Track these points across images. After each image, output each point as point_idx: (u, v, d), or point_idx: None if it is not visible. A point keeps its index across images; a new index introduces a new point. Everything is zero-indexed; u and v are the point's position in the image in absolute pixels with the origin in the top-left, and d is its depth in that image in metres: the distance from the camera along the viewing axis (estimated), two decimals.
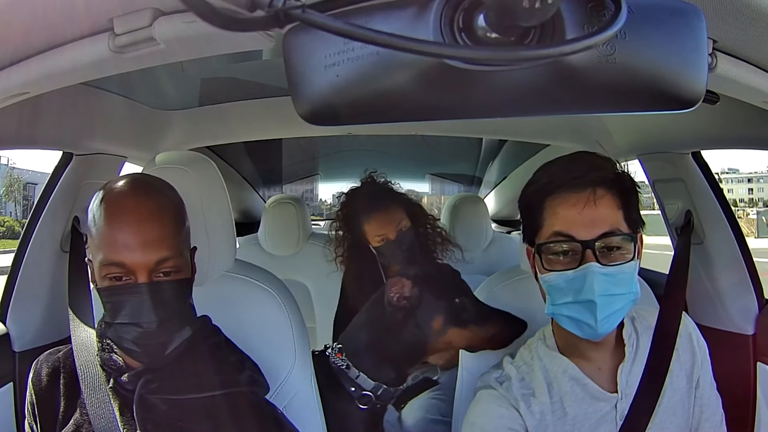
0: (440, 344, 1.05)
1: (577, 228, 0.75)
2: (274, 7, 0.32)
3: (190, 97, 1.36)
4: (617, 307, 0.75)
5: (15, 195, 27.89)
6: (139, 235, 0.68)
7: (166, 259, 0.70)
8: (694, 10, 0.39)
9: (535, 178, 0.82)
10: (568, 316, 0.77)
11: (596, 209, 0.75)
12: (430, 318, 1.04)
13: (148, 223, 0.69)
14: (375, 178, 1.59)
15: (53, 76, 0.56)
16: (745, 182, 39.38)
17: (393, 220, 1.49)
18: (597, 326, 0.74)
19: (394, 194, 1.56)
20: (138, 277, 0.69)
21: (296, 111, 0.39)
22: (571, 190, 0.76)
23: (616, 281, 0.74)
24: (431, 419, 1.35)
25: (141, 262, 0.68)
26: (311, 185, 3.35)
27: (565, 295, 0.76)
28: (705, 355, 0.86)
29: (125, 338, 0.70)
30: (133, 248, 0.68)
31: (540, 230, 0.79)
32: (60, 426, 0.74)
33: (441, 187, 3.20)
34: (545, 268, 0.77)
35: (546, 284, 0.78)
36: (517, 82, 0.37)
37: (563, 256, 0.76)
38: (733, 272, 1.14)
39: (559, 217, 0.76)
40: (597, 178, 0.76)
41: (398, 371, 1.07)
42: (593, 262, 0.73)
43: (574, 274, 0.74)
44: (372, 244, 1.51)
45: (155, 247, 0.69)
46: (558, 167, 0.80)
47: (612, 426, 0.79)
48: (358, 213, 1.53)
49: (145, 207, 0.71)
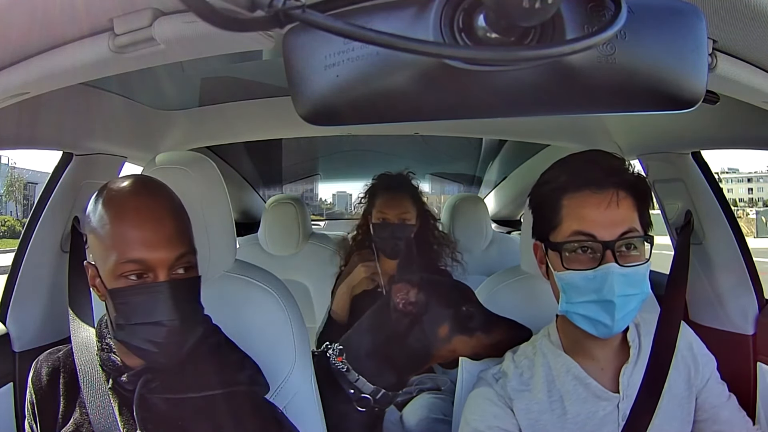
0: (444, 352, 1.04)
1: (598, 228, 0.75)
2: (274, 7, 0.32)
3: (190, 97, 1.36)
4: (632, 307, 0.76)
5: (15, 194, 27.90)
6: (159, 231, 0.68)
7: (184, 255, 0.70)
8: (694, 10, 0.39)
9: (551, 176, 0.81)
10: (583, 315, 0.77)
11: (618, 210, 0.75)
12: (437, 325, 1.03)
13: (165, 219, 0.70)
14: (403, 172, 1.64)
15: (53, 76, 0.56)
16: (745, 182, 39.40)
17: (399, 206, 1.53)
18: (613, 326, 0.75)
19: (414, 190, 1.60)
20: (158, 274, 0.68)
21: (296, 111, 0.39)
22: (594, 191, 0.76)
23: (633, 282, 0.75)
24: (433, 418, 1.34)
25: (162, 257, 0.68)
26: (311, 185, 3.35)
27: (582, 294, 0.76)
28: (709, 366, 0.86)
29: (143, 338, 0.68)
30: (153, 244, 0.67)
31: (557, 228, 0.78)
32: (60, 426, 0.74)
33: (441, 187, 3.20)
34: (564, 267, 0.77)
35: (563, 282, 0.78)
36: (517, 82, 0.37)
37: (583, 255, 0.76)
38: (733, 272, 1.14)
39: (580, 217, 0.76)
40: (620, 180, 0.77)
41: (399, 377, 1.06)
42: (613, 263, 0.74)
43: (594, 274, 0.75)
44: (372, 220, 1.55)
45: (175, 243, 0.69)
46: (577, 166, 0.80)
47: (614, 426, 0.80)
48: (375, 192, 1.59)
49: (160, 204, 0.71)
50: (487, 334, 1.01)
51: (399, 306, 1.03)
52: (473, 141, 2.19)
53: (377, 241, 1.54)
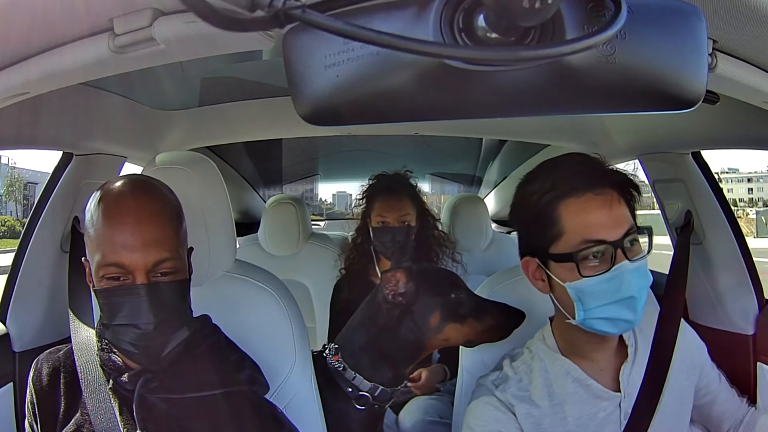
0: (437, 341, 1.04)
1: (607, 230, 0.74)
2: (274, 7, 0.32)
3: (190, 97, 1.35)
4: (646, 297, 0.77)
5: (15, 194, 27.90)
6: (138, 236, 0.68)
7: (164, 260, 0.69)
8: (694, 10, 0.39)
9: (538, 187, 0.78)
10: (604, 318, 0.76)
11: (619, 209, 0.76)
12: (428, 314, 1.03)
13: (147, 224, 0.69)
14: (400, 171, 1.62)
15: (53, 76, 0.56)
16: (745, 182, 39.39)
17: (399, 209, 1.51)
18: (635, 319, 0.76)
19: (412, 190, 1.58)
20: (136, 277, 0.68)
21: (296, 111, 0.39)
22: (596, 193, 0.75)
23: (643, 273, 0.76)
24: (429, 420, 1.34)
25: (140, 262, 0.68)
26: (311, 185, 3.35)
27: (600, 298, 0.75)
28: (703, 354, 0.88)
29: (123, 339, 0.69)
30: (131, 248, 0.68)
31: (559, 239, 0.76)
32: (60, 426, 0.74)
33: (441, 187, 3.20)
34: (580, 275, 0.75)
35: (578, 292, 0.76)
36: (517, 82, 0.37)
37: (595, 260, 0.75)
38: (733, 272, 1.14)
39: (586, 223, 0.74)
40: (617, 179, 0.77)
41: (395, 371, 1.06)
42: (625, 261, 0.74)
43: (611, 275, 0.74)
44: (372, 224, 1.53)
45: (154, 248, 0.69)
46: (563, 173, 0.78)
47: (616, 426, 0.80)
48: (373, 194, 1.57)
49: (145, 207, 0.71)
50: (479, 320, 1.01)
51: (389, 297, 1.03)
52: (473, 141, 2.18)
53: (378, 245, 1.53)
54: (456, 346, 1.07)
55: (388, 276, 1.03)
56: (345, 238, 1.81)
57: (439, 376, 1.47)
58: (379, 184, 1.58)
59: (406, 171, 1.62)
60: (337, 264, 1.70)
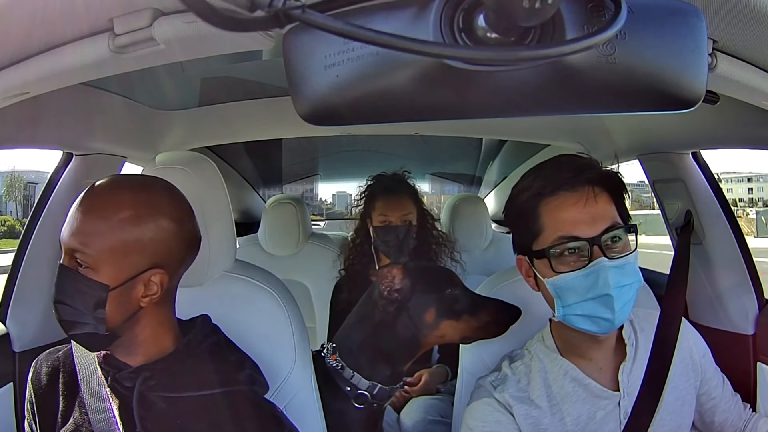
0: (433, 338, 1.05)
1: (581, 227, 0.75)
2: (274, 7, 0.32)
3: (190, 97, 1.36)
4: (629, 297, 0.76)
5: (15, 194, 27.91)
6: (75, 222, 0.72)
7: (76, 251, 0.72)
8: (694, 10, 0.39)
9: (523, 186, 0.81)
10: (583, 315, 0.77)
11: (597, 206, 0.76)
12: (423, 311, 1.03)
13: (86, 214, 0.72)
14: (399, 172, 1.63)
15: (53, 76, 0.56)
16: (745, 182, 39.35)
17: (401, 208, 1.51)
18: (614, 318, 0.75)
19: (412, 189, 1.59)
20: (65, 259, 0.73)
21: (296, 111, 0.39)
22: (569, 191, 0.76)
23: (625, 272, 0.75)
24: (431, 420, 1.35)
25: (67, 244, 0.72)
26: (311, 185, 3.35)
27: (577, 294, 0.76)
28: (707, 357, 0.88)
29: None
30: (69, 233, 0.72)
31: (539, 236, 0.78)
32: (60, 425, 0.74)
33: (441, 187, 3.20)
34: (554, 271, 0.77)
35: (555, 287, 0.77)
36: (517, 82, 0.37)
37: (570, 256, 0.76)
38: (733, 272, 1.14)
39: (561, 219, 0.76)
40: (592, 176, 0.77)
41: (393, 369, 1.06)
42: (602, 258, 0.74)
43: (586, 272, 0.74)
44: (373, 223, 1.53)
45: (75, 237, 0.72)
46: (547, 172, 0.80)
47: (615, 425, 0.80)
48: (374, 194, 1.57)
49: (96, 201, 0.72)
50: (475, 317, 1.01)
51: (385, 293, 1.03)
52: (473, 141, 2.19)
53: (380, 245, 1.52)
54: (455, 344, 1.07)
55: (384, 272, 1.03)
56: (345, 238, 1.81)
57: (441, 377, 1.47)
58: (379, 184, 1.59)
59: (404, 171, 1.63)
60: (337, 264, 1.70)
